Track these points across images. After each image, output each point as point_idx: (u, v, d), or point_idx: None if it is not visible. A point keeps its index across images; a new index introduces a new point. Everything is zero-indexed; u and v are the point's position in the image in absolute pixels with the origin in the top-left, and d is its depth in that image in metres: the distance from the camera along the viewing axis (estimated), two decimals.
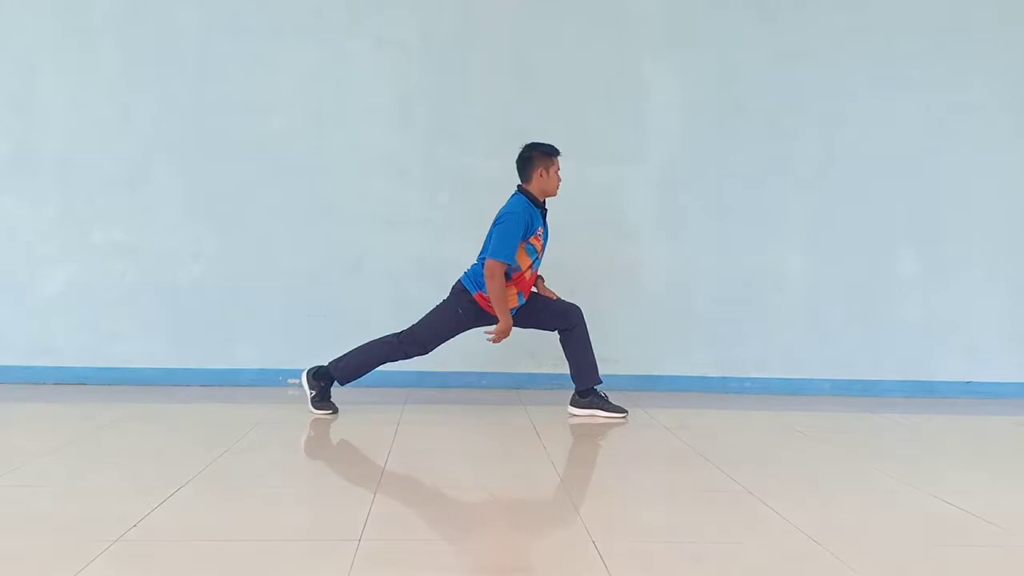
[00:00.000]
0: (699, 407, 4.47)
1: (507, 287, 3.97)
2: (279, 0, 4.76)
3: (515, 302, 4.03)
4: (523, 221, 3.95)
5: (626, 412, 4.06)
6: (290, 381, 4.56)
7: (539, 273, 4.17)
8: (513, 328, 4.00)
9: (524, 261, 4.02)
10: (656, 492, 2.81)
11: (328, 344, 4.71)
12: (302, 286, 4.77)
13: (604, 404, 4.08)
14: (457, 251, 4.75)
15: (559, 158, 4.06)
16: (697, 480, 2.94)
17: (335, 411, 3.98)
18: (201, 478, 2.73)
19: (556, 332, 4.15)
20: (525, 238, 3.98)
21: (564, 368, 4.70)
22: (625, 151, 4.90)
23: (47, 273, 4.70)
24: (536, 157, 4.05)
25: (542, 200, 4.08)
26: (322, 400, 4.00)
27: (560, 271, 4.85)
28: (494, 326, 3.97)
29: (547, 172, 4.05)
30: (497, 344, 4.00)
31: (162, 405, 4.15)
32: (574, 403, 4.12)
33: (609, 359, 4.45)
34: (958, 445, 3.85)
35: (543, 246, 4.11)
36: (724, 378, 4.93)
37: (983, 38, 4.99)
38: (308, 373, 4.03)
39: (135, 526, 2.23)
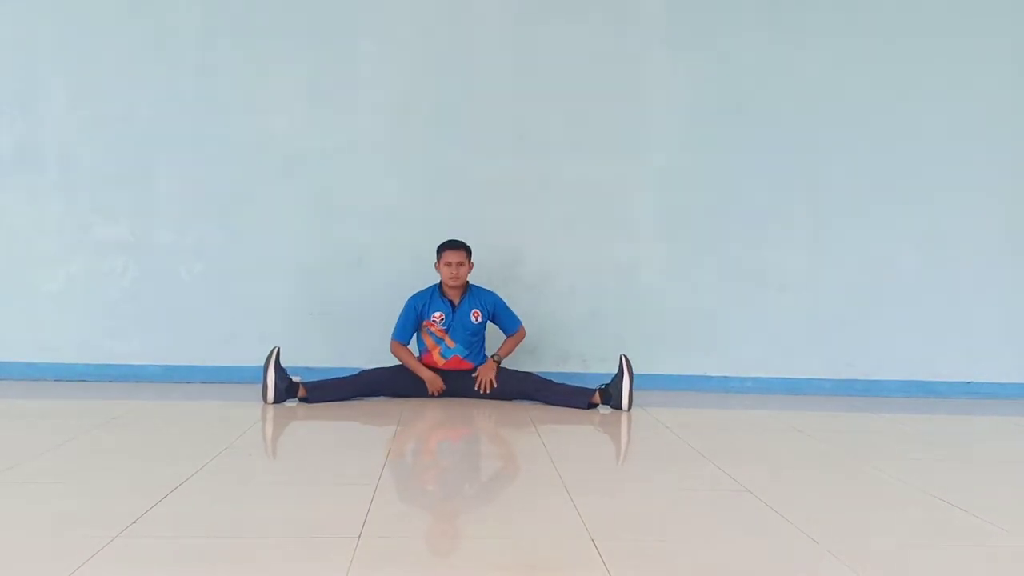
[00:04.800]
0: (700, 406, 4.47)
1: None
2: None
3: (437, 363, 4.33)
4: (409, 307, 4.35)
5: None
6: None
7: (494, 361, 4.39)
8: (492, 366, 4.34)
9: (429, 342, 4.32)
10: (656, 491, 2.81)
11: (329, 341, 4.73)
12: (303, 283, 4.77)
13: (609, 398, 4.18)
14: None
15: (451, 251, 4.30)
16: (697, 479, 2.94)
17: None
18: (201, 475, 2.73)
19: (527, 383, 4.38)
20: (417, 324, 4.31)
21: (565, 366, 4.74)
22: (626, 150, 4.90)
23: (48, 270, 4.70)
24: (437, 253, 4.33)
25: (453, 291, 4.33)
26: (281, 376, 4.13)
27: (561, 270, 4.87)
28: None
29: (439, 266, 4.33)
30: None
31: (162, 402, 4.16)
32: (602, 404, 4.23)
33: (609, 358, 4.45)
34: (958, 445, 3.84)
35: (447, 332, 4.31)
36: (725, 377, 4.93)
37: (986, 40, 4.98)
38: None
39: (135, 522, 2.23)
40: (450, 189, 4.83)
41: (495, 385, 4.26)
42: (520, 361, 4.64)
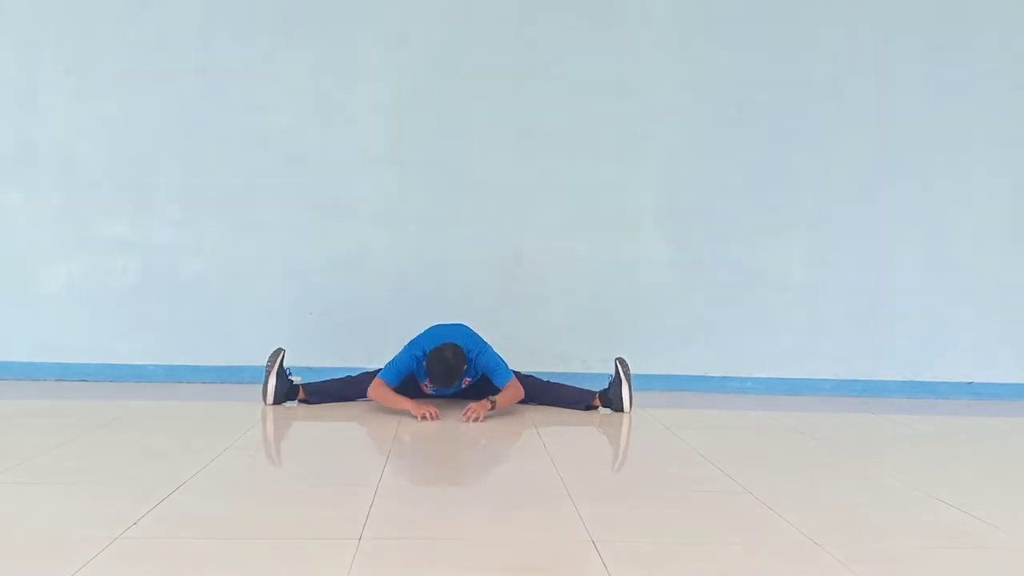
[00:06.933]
0: (699, 407, 4.47)
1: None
2: None
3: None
4: (410, 358, 3.97)
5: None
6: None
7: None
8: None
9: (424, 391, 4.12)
10: (656, 492, 2.81)
11: (329, 341, 4.73)
12: (304, 283, 4.77)
13: (609, 403, 4.16)
14: (458, 248, 4.76)
15: (428, 383, 4.01)
16: (697, 480, 2.94)
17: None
18: (201, 476, 2.73)
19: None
20: (410, 376, 4.03)
21: (565, 367, 4.74)
22: (626, 150, 4.90)
23: (49, 269, 4.70)
24: (427, 368, 3.98)
25: None
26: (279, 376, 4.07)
27: (561, 270, 4.87)
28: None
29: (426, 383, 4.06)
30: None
31: (163, 402, 4.16)
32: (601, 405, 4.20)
33: (610, 359, 4.45)
34: (958, 446, 3.85)
35: (440, 396, 4.12)
36: (724, 378, 4.93)
37: (986, 37, 4.99)
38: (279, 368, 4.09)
39: (135, 524, 2.23)
40: (451, 188, 4.83)
41: (480, 421, 3.88)
42: (521, 362, 4.64)
